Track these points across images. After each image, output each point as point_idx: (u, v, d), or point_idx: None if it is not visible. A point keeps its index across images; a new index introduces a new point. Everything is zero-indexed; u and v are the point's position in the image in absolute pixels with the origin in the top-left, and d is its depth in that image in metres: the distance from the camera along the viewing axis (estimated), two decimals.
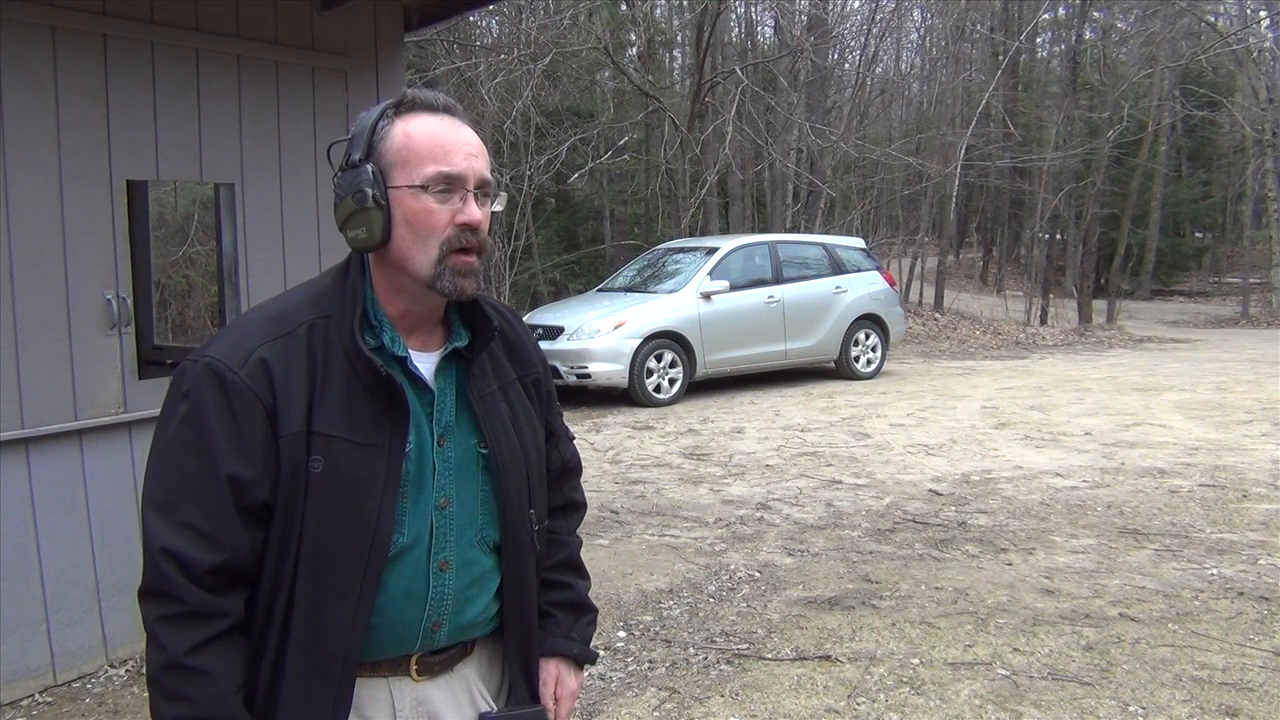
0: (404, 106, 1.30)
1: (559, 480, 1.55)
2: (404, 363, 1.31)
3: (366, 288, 1.31)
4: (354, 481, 1.23)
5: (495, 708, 1.41)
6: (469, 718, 1.38)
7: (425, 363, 1.33)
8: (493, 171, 1.35)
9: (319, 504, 1.23)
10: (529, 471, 1.40)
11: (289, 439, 1.22)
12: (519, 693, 1.42)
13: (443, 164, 1.26)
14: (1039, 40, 26.77)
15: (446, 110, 1.30)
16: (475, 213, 1.27)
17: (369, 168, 1.26)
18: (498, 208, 1.35)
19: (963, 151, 18.12)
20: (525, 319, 10.25)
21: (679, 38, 21.13)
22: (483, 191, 1.30)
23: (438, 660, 1.35)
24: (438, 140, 1.27)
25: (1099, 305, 20.03)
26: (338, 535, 1.23)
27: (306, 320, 1.27)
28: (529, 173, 14.37)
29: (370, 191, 1.25)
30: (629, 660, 3.64)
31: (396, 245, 1.27)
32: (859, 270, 11.43)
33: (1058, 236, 23.65)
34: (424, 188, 1.26)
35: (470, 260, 1.28)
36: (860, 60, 19.26)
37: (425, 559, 1.30)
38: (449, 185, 1.27)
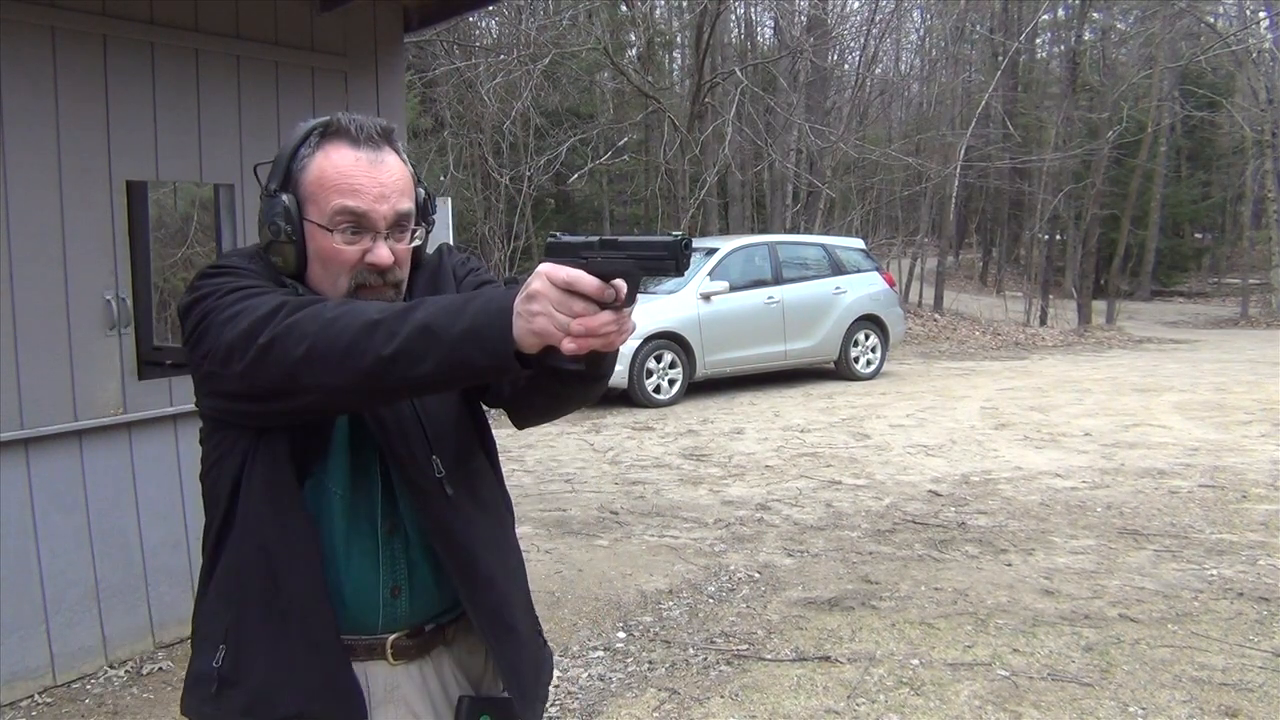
0: (328, 134, 1.30)
1: None
2: None
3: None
4: None
5: (475, 694, 1.42)
6: (440, 703, 1.39)
7: None
8: (424, 198, 1.35)
9: None
10: (422, 419, 1.33)
11: None
12: (490, 682, 1.44)
13: (351, 203, 1.27)
14: (1038, 41, 26.76)
15: (368, 143, 1.29)
16: (384, 255, 1.29)
17: (284, 199, 1.28)
18: (416, 243, 1.35)
19: (962, 152, 18.12)
20: None
21: (679, 39, 21.14)
22: (399, 227, 1.30)
23: (413, 645, 1.37)
24: (349, 180, 1.27)
25: (1098, 306, 20.03)
26: None
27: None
28: (528, 173, 14.39)
29: (283, 226, 1.28)
30: (629, 661, 3.64)
31: (311, 276, 1.32)
32: (859, 271, 11.42)
33: (1057, 237, 23.65)
34: (331, 229, 1.27)
35: (380, 290, 1.31)
36: (860, 61, 19.27)
37: (375, 518, 1.32)
38: (359, 226, 1.28)
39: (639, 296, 1.18)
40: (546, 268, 1.04)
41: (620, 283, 1.04)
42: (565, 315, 1.02)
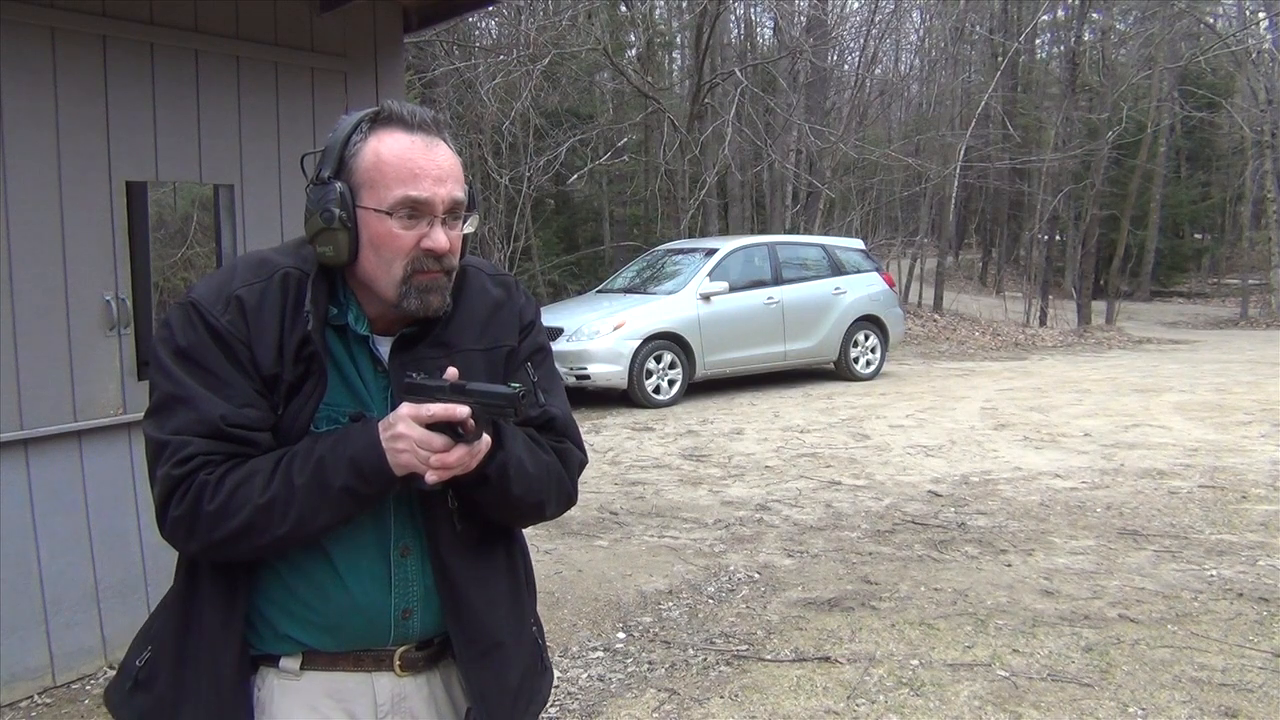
0: (380, 121, 1.29)
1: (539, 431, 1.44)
2: (366, 341, 1.33)
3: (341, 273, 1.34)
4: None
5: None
6: (447, 715, 1.40)
7: (384, 346, 1.35)
8: (469, 189, 1.34)
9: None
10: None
11: (268, 379, 1.29)
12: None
13: (410, 189, 1.26)
14: (1038, 41, 26.76)
15: (421, 128, 1.29)
16: (441, 240, 1.28)
17: (337, 186, 1.27)
18: (469, 229, 1.35)
19: (962, 152, 18.12)
20: None
21: (678, 39, 21.14)
22: (453, 214, 1.30)
23: (421, 656, 1.37)
24: (407, 164, 1.27)
25: (1098, 306, 20.04)
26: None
27: (283, 268, 1.31)
28: (528, 174, 14.37)
29: (337, 212, 1.26)
30: (628, 661, 3.64)
31: (363, 265, 1.30)
32: (858, 271, 11.43)
33: (1057, 238, 23.63)
34: (389, 213, 1.26)
35: (434, 276, 1.30)
36: (859, 61, 19.26)
37: (387, 541, 1.33)
38: (416, 210, 1.27)
39: (640, 297, 1.22)
40: (408, 409, 1.22)
41: (470, 421, 1.22)
42: (426, 451, 1.21)
